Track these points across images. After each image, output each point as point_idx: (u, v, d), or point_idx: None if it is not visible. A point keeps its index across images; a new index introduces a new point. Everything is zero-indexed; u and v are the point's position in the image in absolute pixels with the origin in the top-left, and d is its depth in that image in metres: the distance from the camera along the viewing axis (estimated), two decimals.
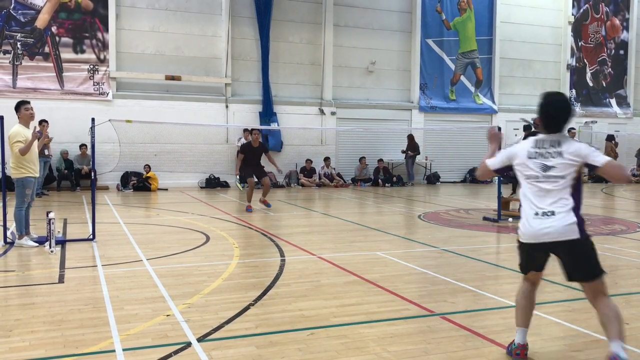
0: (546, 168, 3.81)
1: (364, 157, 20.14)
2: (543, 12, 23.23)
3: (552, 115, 3.89)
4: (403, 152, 20.27)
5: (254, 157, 12.82)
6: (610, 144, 21.75)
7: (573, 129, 16.97)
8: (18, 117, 8.16)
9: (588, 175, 19.36)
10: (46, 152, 15.24)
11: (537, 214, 3.79)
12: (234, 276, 6.40)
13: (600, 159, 3.72)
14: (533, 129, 13.28)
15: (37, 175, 8.32)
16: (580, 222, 3.81)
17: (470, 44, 22.27)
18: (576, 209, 3.81)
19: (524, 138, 13.52)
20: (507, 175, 4.43)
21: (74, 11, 17.38)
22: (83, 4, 17.42)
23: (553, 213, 3.76)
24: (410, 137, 20.30)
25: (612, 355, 3.67)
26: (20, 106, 8.15)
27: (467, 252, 7.99)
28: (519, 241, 4.00)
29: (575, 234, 3.76)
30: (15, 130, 8.00)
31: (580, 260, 3.85)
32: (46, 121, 14.26)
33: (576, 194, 3.82)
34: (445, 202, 14.82)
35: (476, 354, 4.12)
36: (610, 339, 3.78)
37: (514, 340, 4.11)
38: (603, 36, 24.51)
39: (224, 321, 4.76)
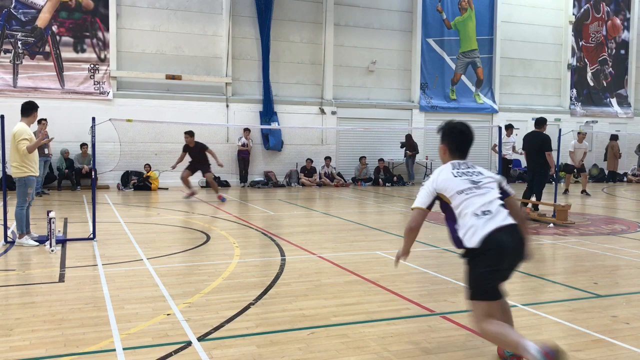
0: (474, 182, 3.86)
1: (364, 157, 20.13)
2: (544, 11, 23.22)
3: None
4: (402, 145, 20.20)
5: (194, 155, 14.70)
6: (614, 144, 21.73)
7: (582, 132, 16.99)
8: (25, 116, 8.15)
9: (589, 175, 19.36)
10: (46, 151, 15.25)
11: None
12: (234, 275, 6.40)
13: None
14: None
15: (38, 174, 8.32)
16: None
17: (471, 43, 22.26)
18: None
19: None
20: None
21: (74, 10, 17.38)
22: (84, 3, 17.42)
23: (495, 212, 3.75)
24: (409, 137, 20.31)
25: None
26: (33, 110, 8.15)
27: None
28: (473, 253, 3.67)
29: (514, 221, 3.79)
30: (21, 128, 8.00)
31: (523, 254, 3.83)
32: (45, 119, 14.26)
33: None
34: None
35: (476, 354, 4.12)
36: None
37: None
38: (604, 36, 24.49)
39: (224, 320, 4.76)
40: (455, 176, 3.88)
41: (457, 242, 3.79)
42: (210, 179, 14.83)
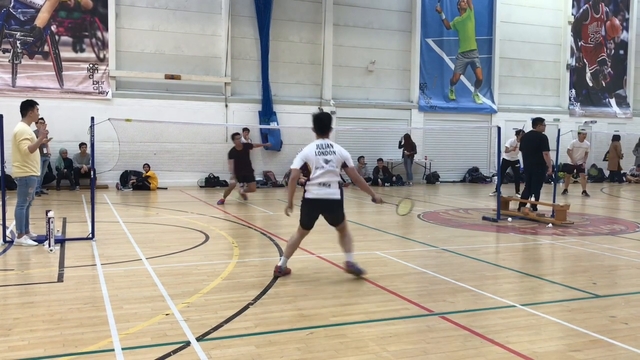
0: (327, 161, 6.13)
1: (363, 157, 20.13)
2: (543, 11, 23.23)
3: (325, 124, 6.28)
4: (400, 145, 20.22)
5: (243, 159, 13.52)
6: (617, 144, 21.73)
7: (584, 130, 17.21)
8: (23, 116, 8.14)
9: (587, 176, 19.37)
10: (45, 150, 15.24)
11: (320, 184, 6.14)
12: (233, 275, 6.40)
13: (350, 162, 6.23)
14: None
15: (39, 174, 8.32)
16: (341, 191, 6.22)
17: (470, 43, 22.27)
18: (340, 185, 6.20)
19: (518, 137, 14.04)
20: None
21: (73, 10, 17.37)
22: (83, 2, 17.41)
23: (329, 185, 6.14)
24: (407, 137, 20.30)
25: (347, 263, 6.29)
26: (32, 106, 8.14)
27: (466, 251, 7.99)
28: (304, 200, 6.19)
29: (337, 196, 6.16)
30: (22, 128, 7.99)
31: (337, 212, 6.27)
32: (42, 119, 14.25)
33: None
34: (445, 202, 14.82)
35: (475, 354, 4.12)
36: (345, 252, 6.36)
37: (280, 266, 6.31)
38: (603, 36, 24.51)
39: (223, 320, 4.76)
40: (316, 155, 6.15)
41: (305, 191, 6.22)
42: (254, 190, 13.86)
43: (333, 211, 6.24)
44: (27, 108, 8.14)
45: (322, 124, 6.27)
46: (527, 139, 12.03)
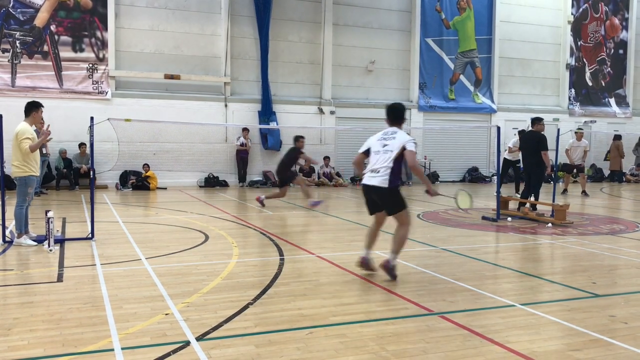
0: (384, 145, 6.16)
1: None
2: (542, 11, 23.24)
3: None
4: None
5: (295, 162, 13.58)
6: (619, 143, 21.70)
7: (580, 129, 17.19)
8: (27, 116, 8.14)
9: (586, 175, 19.38)
10: (44, 150, 15.23)
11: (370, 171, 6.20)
12: (233, 275, 6.40)
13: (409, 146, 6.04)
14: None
15: (38, 174, 8.32)
16: (392, 179, 6.05)
17: (470, 43, 22.28)
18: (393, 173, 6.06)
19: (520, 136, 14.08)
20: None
21: (73, 10, 17.36)
22: (82, 2, 17.40)
23: (378, 171, 6.10)
24: None
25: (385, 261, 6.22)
26: (37, 108, 8.16)
27: (466, 251, 8.00)
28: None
29: (384, 185, 6.05)
30: (24, 127, 7.99)
31: (386, 201, 6.22)
32: (42, 120, 14.22)
33: (397, 164, 6.05)
34: (444, 202, 14.81)
35: (475, 353, 4.12)
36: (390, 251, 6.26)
37: (365, 257, 6.43)
38: (602, 36, 24.52)
39: (222, 320, 4.76)
40: (378, 140, 6.29)
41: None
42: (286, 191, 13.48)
43: (382, 199, 6.19)
44: (32, 109, 8.15)
45: (391, 113, 6.38)
46: (526, 138, 12.04)
